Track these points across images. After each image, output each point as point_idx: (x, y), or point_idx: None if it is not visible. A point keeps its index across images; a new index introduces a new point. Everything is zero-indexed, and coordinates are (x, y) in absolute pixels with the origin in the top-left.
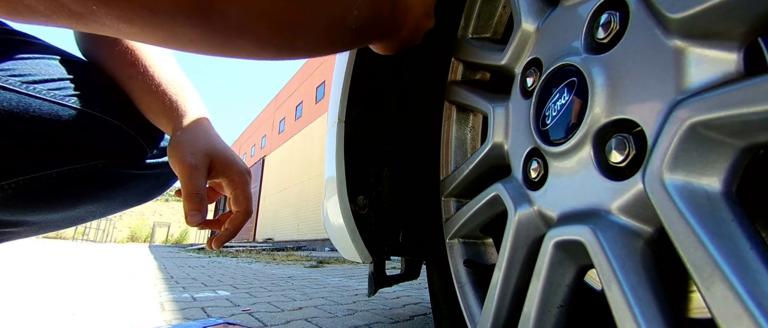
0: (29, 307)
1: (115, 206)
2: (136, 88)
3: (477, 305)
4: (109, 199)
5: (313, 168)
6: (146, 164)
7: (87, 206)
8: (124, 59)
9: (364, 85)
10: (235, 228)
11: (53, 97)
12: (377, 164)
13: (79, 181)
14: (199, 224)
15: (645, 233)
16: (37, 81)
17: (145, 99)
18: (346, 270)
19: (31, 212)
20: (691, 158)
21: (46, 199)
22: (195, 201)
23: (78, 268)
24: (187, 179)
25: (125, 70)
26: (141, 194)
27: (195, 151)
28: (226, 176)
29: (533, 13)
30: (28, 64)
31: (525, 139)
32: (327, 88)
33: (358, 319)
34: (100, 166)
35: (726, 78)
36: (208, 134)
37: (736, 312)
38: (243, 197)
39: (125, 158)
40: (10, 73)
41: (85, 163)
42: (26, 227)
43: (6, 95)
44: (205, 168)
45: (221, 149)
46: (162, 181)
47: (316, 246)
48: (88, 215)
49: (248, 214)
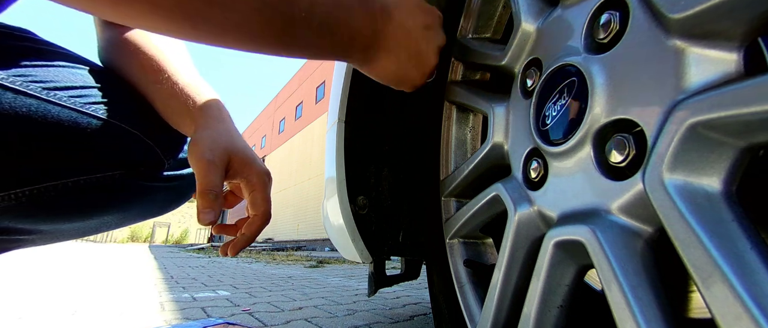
0: (30, 306)
1: (129, 218)
2: (161, 93)
3: (477, 305)
4: (124, 211)
5: (313, 168)
6: (163, 176)
7: (101, 217)
8: (150, 66)
9: (364, 85)
10: (253, 233)
11: (73, 105)
12: (377, 164)
13: (94, 191)
14: (211, 223)
15: (645, 233)
16: (59, 88)
17: (170, 103)
18: (346, 270)
19: (45, 221)
20: (691, 158)
21: (60, 208)
22: (209, 198)
23: (78, 268)
24: (203, 176)
25: (152, 76)
26: (156, 207)
27: (214, 148)
28: (245, 176)
29: (533, 13)
30: (51, 71)
31: (525, 139)
32: (327, 88)
33: (358, 319)
34: (116, 177)
35: (726, 78)
36: (229, 132)
37: (736, 312)
38: (261, 200)
39: (142, 170)
40: (32, 79)
41: (101, 173)
42: (39, 236)
43: (26, 101)
44: (223, 165)
45: (241, 148)
46: (178, 194)
47: (316, 246)
48: (102, 226)
49: (267, 218)
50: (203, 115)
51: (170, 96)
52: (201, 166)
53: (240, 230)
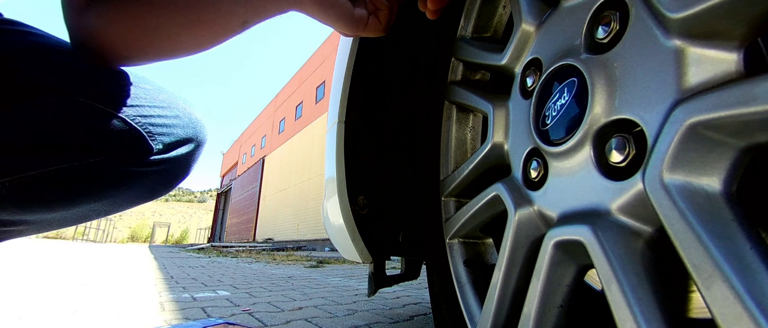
0: (31, 306)
1: (118, 204)
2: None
3: (477, 305)
4: (111, 197)
5: (313, 168)
6: (151, 160)
7: (88, 205)
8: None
9: (364, 85)
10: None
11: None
12: (377, 163)
13: (79, 179)
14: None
15: (645, 233)
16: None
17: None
18: (346, 270)
19: (29, 211)
20: (691, 158)
21: (43, 198)
22: None
23: (78, 268)
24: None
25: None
26: (145, 193)
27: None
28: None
29: (533, 13)
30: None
31: (525, 139)
32: (327, 88)
33: (358, 319)
34: (100, 163)
35: (726, 78)
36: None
37: (736, 312)
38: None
39: (128, 155)
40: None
41: (84, 160)
42: (26, 226)
43: None
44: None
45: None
46: (168, 178)
47: (316, 246)
48: (91, 214)
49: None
50: None
51: None
52: (350, 24)
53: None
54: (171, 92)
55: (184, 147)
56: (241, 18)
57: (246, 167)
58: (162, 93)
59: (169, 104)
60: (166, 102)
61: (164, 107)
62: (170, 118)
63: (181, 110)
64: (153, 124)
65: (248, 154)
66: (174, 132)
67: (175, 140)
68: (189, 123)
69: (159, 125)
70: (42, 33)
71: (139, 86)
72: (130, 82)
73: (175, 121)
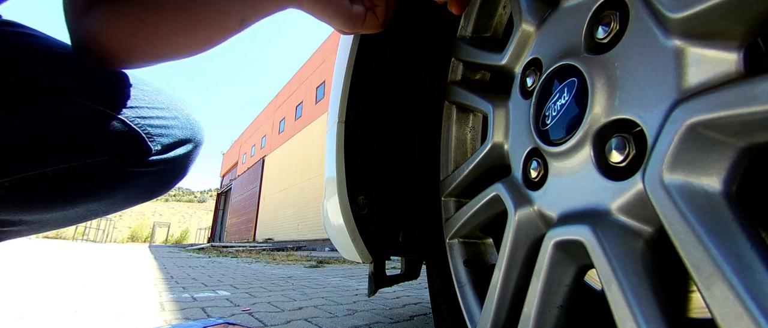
0: (31, 306)
1: (116, 205)
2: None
3: (477, 305)
4: (110, 197)
5: (313, 168)
6: (149, 161)
7: (87, 205)
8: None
9: (364, 85)
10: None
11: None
12: (377, 163)
13: (76, 179)
14: None
15: (645, 233)
16: None
17: None
18: (346, 270)
19: (27, 211)
20: (691, 158)
21: (42, 198)
22: None
23: (78, 268)
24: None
25: None
26: (144, 193)
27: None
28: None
29: (533, 13)
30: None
31: (525, 139)
32: (327, 88)
33: (358, 319)
34: (99, 163)
35: (726, 78)
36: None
37: (736, 312)
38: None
39: (127, 155)
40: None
41: (83, 160)
42: (25, 226)
43: None
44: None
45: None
46: (166, 178)
47: (316, 246)
48: (89, 214)
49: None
50: None
51: None
52: (348, 20)
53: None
54: (169, 94)
55: (182, 148)
56: (239, 16)
57: (246, 167)
58: (160, 94)
59: (167, 106)
60: (165, 103)
61: (163, 109)
62: (168, 119)
63: (179, 111)
64: (152, 126)
65: (248, 154)
66: (172, 133)
67: (174, 141)
68: (187, 124)
69: (157, 126)
70: (42, 35)
71: (138, 88)
72: (130, 83)
73: (174, 122)
